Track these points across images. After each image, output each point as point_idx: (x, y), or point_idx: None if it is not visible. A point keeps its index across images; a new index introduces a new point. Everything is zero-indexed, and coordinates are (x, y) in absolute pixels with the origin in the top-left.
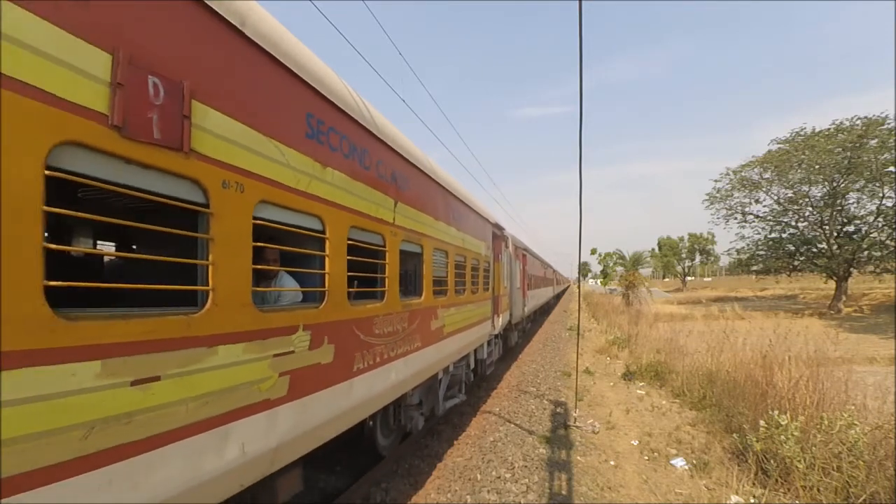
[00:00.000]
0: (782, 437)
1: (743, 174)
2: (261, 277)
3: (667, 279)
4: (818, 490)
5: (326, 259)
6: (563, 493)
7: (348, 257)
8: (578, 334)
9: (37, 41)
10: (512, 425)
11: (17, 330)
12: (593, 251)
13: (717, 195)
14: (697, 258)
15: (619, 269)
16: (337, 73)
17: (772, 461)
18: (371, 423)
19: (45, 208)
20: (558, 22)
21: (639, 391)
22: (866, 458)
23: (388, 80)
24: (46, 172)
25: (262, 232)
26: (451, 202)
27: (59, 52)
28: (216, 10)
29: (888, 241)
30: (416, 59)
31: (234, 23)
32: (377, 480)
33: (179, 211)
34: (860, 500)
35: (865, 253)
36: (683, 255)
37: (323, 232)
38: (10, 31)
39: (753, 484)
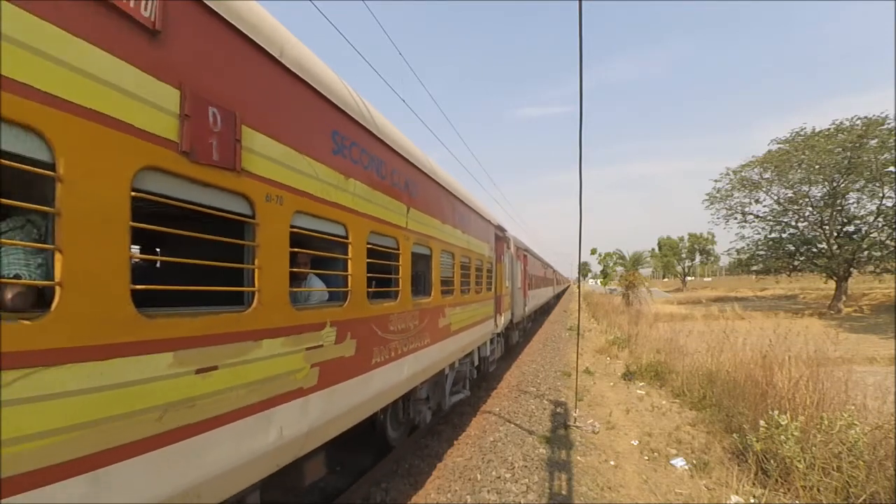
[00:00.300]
0: (782, 437)
1: (743, 174)
2: (294, 278)
3: (665, 279)
4: (818, 490)
5: (349, 262)
6: (563, 493)
7: (368, 260)
8: (578, 334)
9: (121, 81)
10: (512, 425)
11: (112, 327)
12: (593, 251)
13: (717, 195)
14: (697, 258)
15: (619, 269)
16: (337, 73)
17: (772, 461)
18: (382, 416)
19: (132, 224)
20: (558, 22)
21: (639, 391)
22: (866, 458)
23: (388, 79)
24: (132, 193)
25: (295, 238)
26: (457, 206)
27: (139, 90)
28: (260, 43)
29: (888, 241)
30: (417, 59)
31: (273, 53)
32: (377, 480)
33: (225, 220)
34: (860, 500)
35: (865, 253)
36: (683, 255)
37: (346, 237)
38: (96, 72)
39: (753, 484)
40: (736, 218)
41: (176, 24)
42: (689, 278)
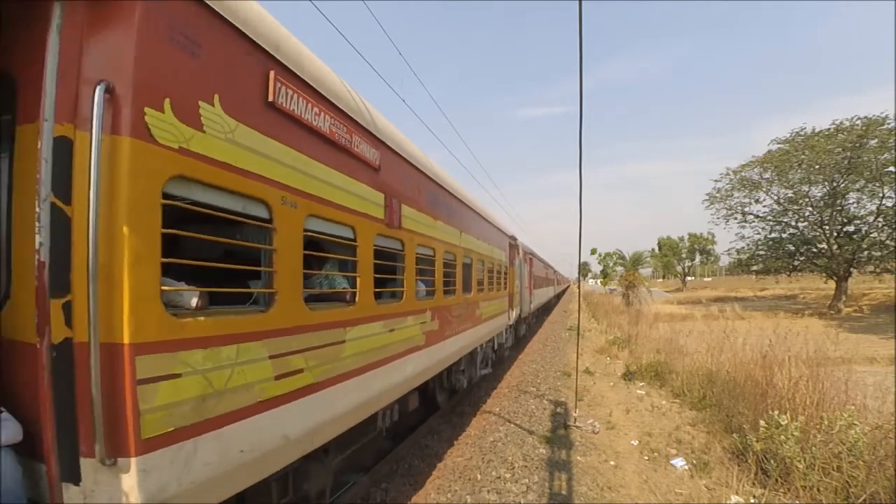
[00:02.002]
0: (782, 437)
1: (743, 174)
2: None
3: (659, 279)
4: (818, 490)
5: (435, 271)
6: (563, 493)
7: (443, 269)
8: (578, 334)
9: (369, 196)
10: (512, 425)
11: (369, 308)
12: (593, 251)
13: (717, 195)
14: (697, 258)
15: (619, 269)
16: (336, 71)
17: (772, 461)
18: (433, 384)
19: (375, 261)
20: (558, 22)
21: (639, 391)
22: (866, 458)
23: (388, 79)
24: (374, 247)
25: (416, 259)
26: (485, 225)
27: (373, 198)
28: (404, 156)
29: (888, 241)
30: (417, 59)
31: (406, 158)
32: (377, 480)
33: (390, 253)
34: (860, 500)
35: (865, 253)
36: (683, 255)
37: (433, 256)
38: (364, 195)
39: (753, 484)
40: (736, 218)
41: (383, 162)
42: (689, 278)
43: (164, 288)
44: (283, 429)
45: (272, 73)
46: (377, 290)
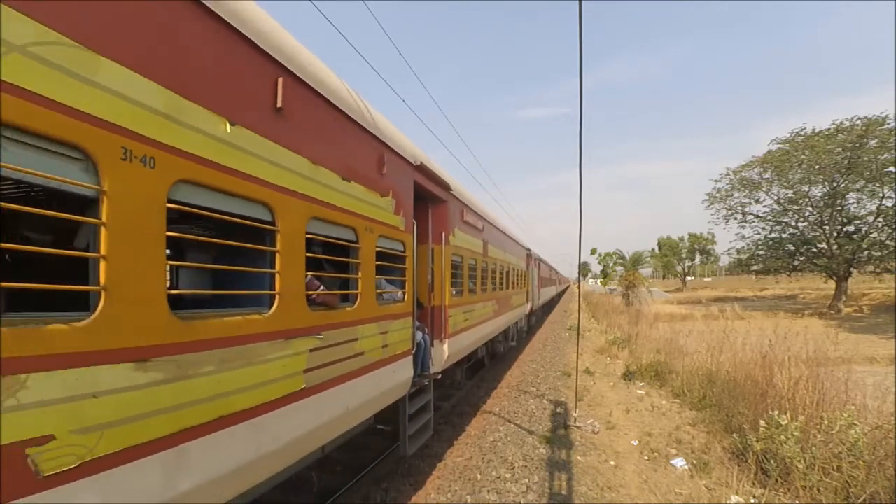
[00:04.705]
0: (782, 437)
1: (743, 174)
2: (485, 283)
3: (654, 279)
4: (818, 490)
5: (496, 276)
6: (563, 493)
7: (499, 275)
8: (578, 334)
9: (479, 244)
10: (512, 425)
11: (480, 297)
12: (593, 251)
13: (717, 195)
14: (697, 258)
15: (619, 269)
16: (336, 71)
17: (772, 461)
18: (482, 350)
19: (481, 273)
20: (558, 22)
21: (639, 391)
22: (866, 458)
23: (388, 79)
24: (481, 266)
25: (488, 270)
26: (515, 246)
27: (480, 243)
28: (488, 220)
29: (888, 241)
30: (417, 59)
31: (489, 220)
32: (377, 480)
33: (485, 268)
34: (860, 500)
35: (865, 253)
36: (683, 255)
37: (496, 268)
38: (477, 243)
39: (753, 484)
40: (736, 218)
41: (484, 226)
42: (689, 278)
43: (451, 288)
44: (464, 342)
45: (464, 209)
46: (481, 287)
